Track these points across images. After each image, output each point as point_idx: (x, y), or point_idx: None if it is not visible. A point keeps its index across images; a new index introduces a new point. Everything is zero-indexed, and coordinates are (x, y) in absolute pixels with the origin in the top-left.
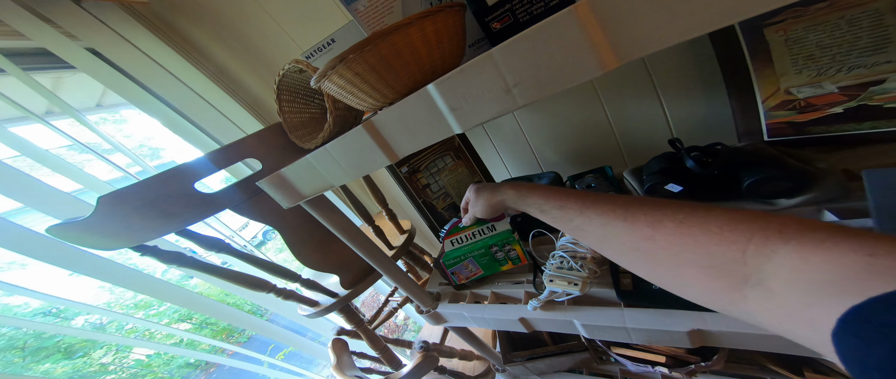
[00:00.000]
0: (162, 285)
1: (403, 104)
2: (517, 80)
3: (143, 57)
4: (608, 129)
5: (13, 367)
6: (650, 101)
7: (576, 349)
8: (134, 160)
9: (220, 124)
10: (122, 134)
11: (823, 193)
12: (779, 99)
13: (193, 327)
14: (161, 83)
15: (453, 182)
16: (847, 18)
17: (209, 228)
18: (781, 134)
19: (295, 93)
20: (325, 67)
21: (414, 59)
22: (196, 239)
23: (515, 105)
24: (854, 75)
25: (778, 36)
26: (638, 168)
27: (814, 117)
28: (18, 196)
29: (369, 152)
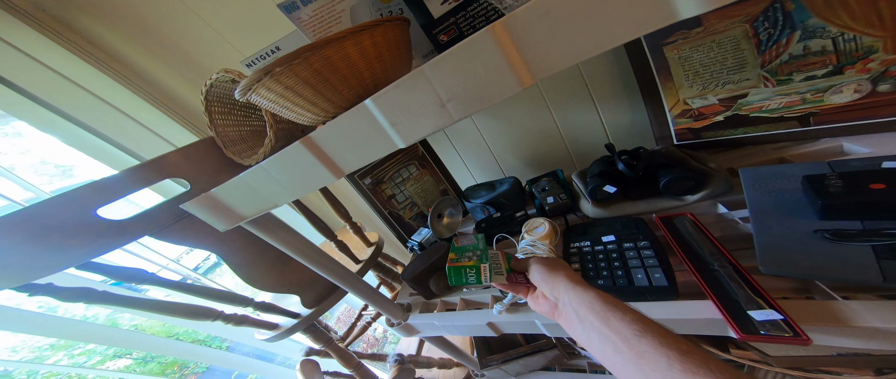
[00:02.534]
0: (79, 326)
1: (344, 119)
2: (450, 96)
3: (29, 60)
4: (557, 136)
5: None
6: (589, 108)
7: (545, 347)
8: (22, 185)
9: (144, 140)
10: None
11: (716, 189)
12: (680, 108)
13: (135, 363)
14: (56, 92)
15: (419, 191)
16: (717, 42)
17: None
18: (685, 138)
19: (229, 104)
20: (250, 80)
21: (352, 73)
22: (106, 272)
23: (451, 120)
24: (727, 90)
25: (673, 54)
26: (583, 171)
27: (705, 124)
28: None
29: (312, 169)
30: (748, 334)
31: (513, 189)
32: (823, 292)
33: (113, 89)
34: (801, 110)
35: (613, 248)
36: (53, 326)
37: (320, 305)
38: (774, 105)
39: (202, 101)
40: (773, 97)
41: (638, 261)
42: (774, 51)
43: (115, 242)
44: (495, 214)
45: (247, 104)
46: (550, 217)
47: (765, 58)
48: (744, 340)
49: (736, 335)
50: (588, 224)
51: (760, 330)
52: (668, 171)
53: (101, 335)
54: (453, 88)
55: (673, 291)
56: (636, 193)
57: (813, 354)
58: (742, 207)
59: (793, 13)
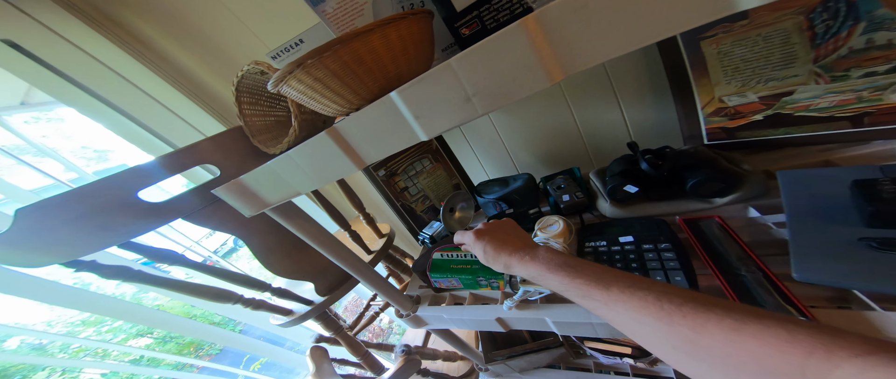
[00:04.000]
0: (110, 302)
1: (368, 111)
2: (476, 90)
3: (78, 52)
4: (576, 133)
5: None
6: (611, 106)
7: (552, 345)
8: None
9: (176, 128)
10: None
11: (748, 192)
12: (714, 106)
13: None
14: (102, 81)
15: (431, 185)
16: (763, 36)
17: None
18: (717, 138)
19: (257, 94)
20: (283, 72)
21: (377, 66)
22: (143, 251)
23: (476, 114)
24: (770, 87)
25: (711, 49)
26: (602, 169)
27: (741, 123)
28: None
29: (335, 159)
30: None
31: (526, 186)
32: (861, 303)
33: (149, 79)
34: (855, 110)
35: (631, 248)
36: (87, 301)
37: (333, 294)
38: (825, 104)
39: (233, 92)
40: (824, 95)
41: (657, 262)
42: (832, 44)
43: (153, 223)
44: (508, 210)
45: (272, 95)
46: (565, 215)
47: (819, 52)
48: None
49: None
50: (605, 224)
51: None
52: (696, 172)
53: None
54: (480, 82)
55: None
56: (659, 193)
57: None
58: (776, 211)
59: (858, 3)
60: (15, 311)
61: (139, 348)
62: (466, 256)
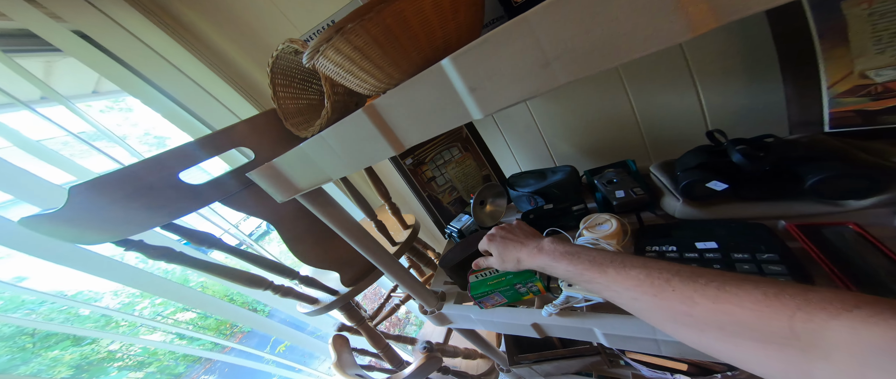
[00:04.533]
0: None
1: (412, 84)
2: (560, 51)
3: (136, 41)
4: (632, 121)
5: (23, 353)
6: (684, 89)
7: (586, 353)
8: (130, 152)
9: (215, 112)
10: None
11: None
12: (850, 84)
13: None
14: (156, 70)
15: (460, 175)
16: None
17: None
18: (847, 124)
19: (290, 77)
20: (320, 40)
21: (424, 32)
22: (184, 233)
23: (555, 82)
24: None
25: (859, 9)
26: (668, 162)
27: (892, 105)
28: (6, 187)
29: (371, 142)
30: None
31: (568, 179)
32: None
33: (194, 65)
34: None
35: (714, 257)
36: (144, 281)
37: (357, 285)
38: None
39: (268, 73)
40: None
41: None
42: None
43: (193, 205)
44: (545, 205)
45: (304, 77)
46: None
47: None
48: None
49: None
50: (672, 225)
51: None
52: (823, 166)
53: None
54: (570, 40)
55: None
56: (756, 192)
57: None
58: None
59: None
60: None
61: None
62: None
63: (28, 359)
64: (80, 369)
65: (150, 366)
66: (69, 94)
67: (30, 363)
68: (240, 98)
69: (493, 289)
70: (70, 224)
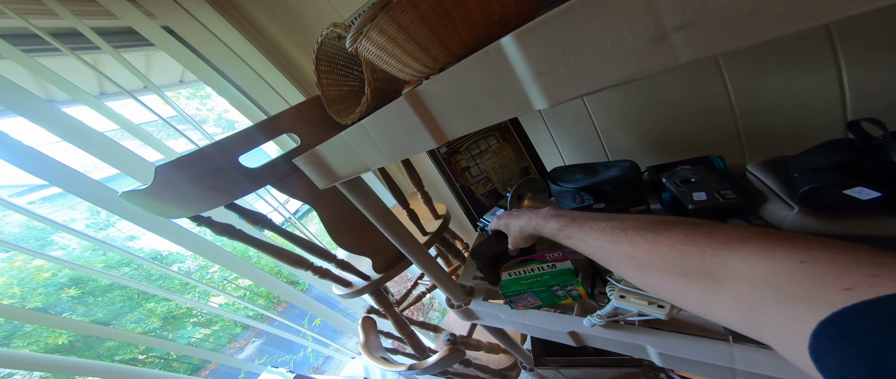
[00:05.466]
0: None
1: (462, 68)
2: (688, 19)
3: (209, 34)
4: (725, 107)
5: (131, 302)
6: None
7: (625, 363)
8: (204, 135)
9: (268, 98)
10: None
11: None
12: None
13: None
14: (225, 61)
15: (496, 166)
16: None
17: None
18: None
19: (333, 63)
20: (364, 19)
21: (479, 6)
22: (241, 212)
23: (672, 62)
24: None
25: None
26: (775, 160)
27: None
28: (116, 164)
29: (412, 132)
30: None
31: (626, 174)
32: None
33: (254, 55)
34: None
35: None
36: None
37: (388, 272)
38: None
39: (313, 60)
40: None
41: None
42: None
43: (250, 186)
44: (594, 203)
45: (346, 64)
46: None
47: None
48: None
49: None
50: None
51: None
52: None
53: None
54: (697, 2)
55: None
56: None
57: None
58: None
59: None
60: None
61: (244, 287)
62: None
63: (134, 307)
64: (167, 320)
65: (216, 324)
66: (161, 84)
67: (134, 311)
68: (288, 84)
69: (527, 288)
70: (156, 199)
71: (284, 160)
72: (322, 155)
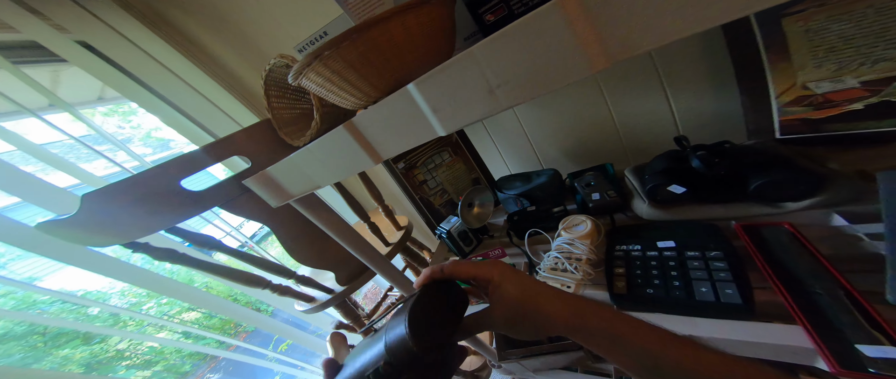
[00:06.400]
0: (166, 282)
1: (385, 104)
2: (501, 81)
3: (137, 50)
4: (611, 126)
5: (35, 351)
6: (656, 96)
7: (570, 348)
8: (131, 155)
9: (217, 120)
10: (130, 126)
11: (834, 196)
12: (794, 94)
13: (203, 317)
14: (156, 77)
15: (450, 178)
16: (875, 7)
17: (209, 225)
18: (795, 131)
19: (285, 87)
20: (300, 65)
21: (396, 55)
22: (187, 236)
23: (500, 107)
24: (879, 69)
25: (797, 26)
26: (641, 166)
27: (831, 114)
28: (15, 191)
29: (352, 154)
30: (849, 370)
31: (551, 182)
32: None
33: (194, 73)
34: None
35: (671, 255)
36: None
37: (352, 284)
38: None
39: (262, 85)
40: None
41: (704, 272)
42: None
43: (194, 210)
44: (529, 207)
45: (297, 88)
46: (594, 215)
47: None
48: (841, 374)
49: (830, 368)
50: (640, 226)
51: (869, 367)
52: (765, 171)
53: (180, 292)
54: (506, 72)
55: (748, 311)
56: (711, 195)
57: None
58: (870, 219)
59: None
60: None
61: (190, 321)
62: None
63: (40, 357)
64: (90, 368)
65: (157, 364)
66: (75, 102)
67: (42, 361)
68: (239, 105)
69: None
70: (82, 228)
71: (234, 181)
72: (273, 175)
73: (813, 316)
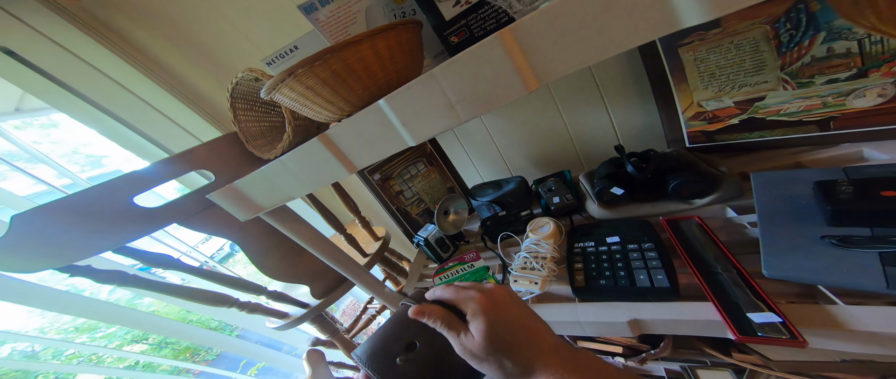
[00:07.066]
0: (104, 307)
1: (358, 117)
2: (459, 98)
3: (73, 58)
4: (566, 136)
5: None
6: (599, 109)
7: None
8: (60, 171)
9: (172, 134)
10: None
11: (725, 194)
12: (693, 110)
13: (151, 348)
14: (96, 87)
15: (426, 188)
16: (735, 43)
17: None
18: (697, 141)
19: (252, 101)
20: (274, 81)
21: (367, 74)
22: (138, 256)
23: (459, 121)
24: (743, 92)
25: (689, 55)
26: (591, 172)
27: (719, 127)
28: None
29: (327, 164)
30: (745, 336)
31: (519, 188)
32: (825, 298)
33: (144, 84)
34: (822, 114)
35: (617, 248)
36: (81, 306)
37: (328, 296)
38: (793, 108)
39: (228, 98)
40: (792, 100)
41: (641, 262)
42: (796, 53)
43: (146, 228)
44: (501, 212)
45: (266, 101)
46: (556, 217)
47: (785, 60)
48: (741, 341)
49: (734, 337)
50: (593, 225)
51: (758, 332)
52: (677, 175)
53: (124, 317)
54: (462, 91)
55: (674, 293)
56: (644, 195)
57: (815, 360)
58: (751, 211)
59: (818, 14)
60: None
61: (135, 354)
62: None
63: None
64: None
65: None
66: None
67: None
68: (200, 119)
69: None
70: (10, 253)
71: (195, 197)
72: (241, 189)
73: (718, 293)
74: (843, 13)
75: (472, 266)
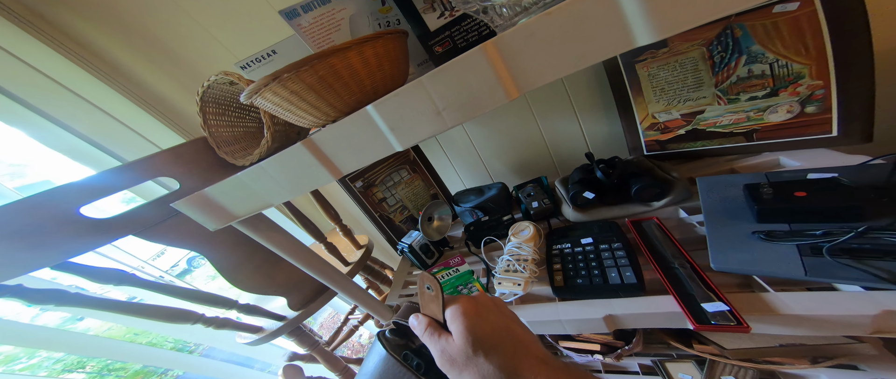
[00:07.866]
0: (28, 331)
1: (345, 123)
2: (445, 105)
3: (16, 62)
4: (542, 143)
5: None
6: (571, 119)
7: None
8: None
9: (126, 140)
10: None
11: (677, 197)
12: (649, 121)
13: (89, 377)
14: (25, 84)
15: (410, 195)
16: (679, 62)
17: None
18: (653, 149)
19: (224, 105)
20: (258, 84)
21: (354, 81)
22: (83, 272)
23: (445, 126)
24: (687, 106)
25: (644, 71)
26: (565, 178)
27: (670, 137)
28: None
29: (311, 169)
30: (702, 324)
31: (500, 194)
32: (759, 286)
33: (92, 85)
34: (747, 127)
35: (591, 249)
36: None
37: (307, 307)
38: (726, 121)
39: (197, 102)
40: (724, 114)
41: (612, 261)
42: (726, 72)
43: (96, 241)
44: (484, 217)
45: (240, 106)
46: (535, 221)
47: (718, 78)
48: (698, 329)
49: (692, 326)
50: (569, 227)
51: (711, 320)
52: (638, 180)
53: (52, 341)
54: (448, 98)
55: (641, 288)
56: (612, 198)
57: (759, 346)
58: (699, 211)
59: (740, 39)
60: None
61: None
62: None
63: None
64: None
65: None
66: None
67: None
68: (157, 123)
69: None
70: None
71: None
72: (212, 196)
73: (677, 286)
74: (758, 40)
75: (457, 271)
